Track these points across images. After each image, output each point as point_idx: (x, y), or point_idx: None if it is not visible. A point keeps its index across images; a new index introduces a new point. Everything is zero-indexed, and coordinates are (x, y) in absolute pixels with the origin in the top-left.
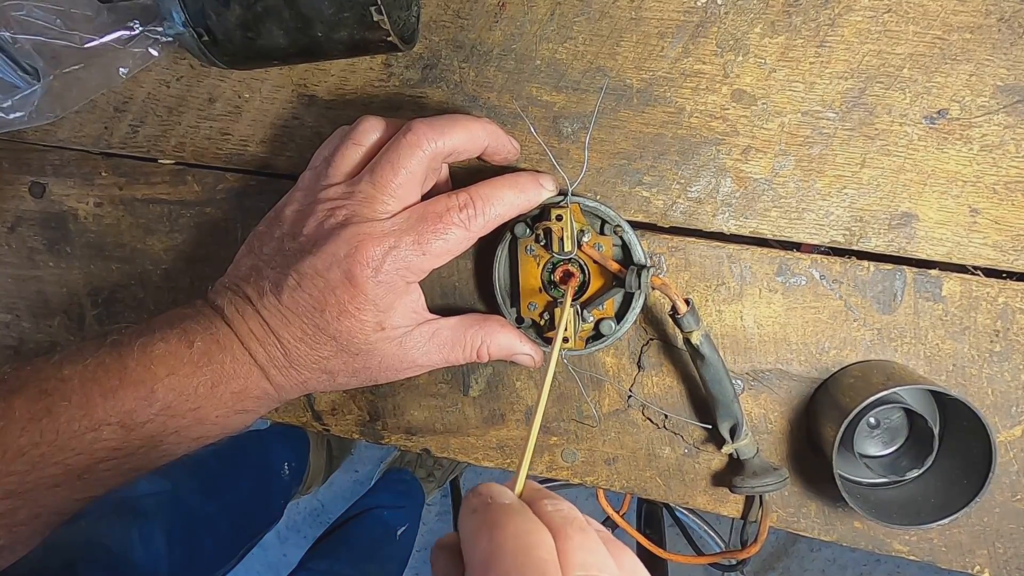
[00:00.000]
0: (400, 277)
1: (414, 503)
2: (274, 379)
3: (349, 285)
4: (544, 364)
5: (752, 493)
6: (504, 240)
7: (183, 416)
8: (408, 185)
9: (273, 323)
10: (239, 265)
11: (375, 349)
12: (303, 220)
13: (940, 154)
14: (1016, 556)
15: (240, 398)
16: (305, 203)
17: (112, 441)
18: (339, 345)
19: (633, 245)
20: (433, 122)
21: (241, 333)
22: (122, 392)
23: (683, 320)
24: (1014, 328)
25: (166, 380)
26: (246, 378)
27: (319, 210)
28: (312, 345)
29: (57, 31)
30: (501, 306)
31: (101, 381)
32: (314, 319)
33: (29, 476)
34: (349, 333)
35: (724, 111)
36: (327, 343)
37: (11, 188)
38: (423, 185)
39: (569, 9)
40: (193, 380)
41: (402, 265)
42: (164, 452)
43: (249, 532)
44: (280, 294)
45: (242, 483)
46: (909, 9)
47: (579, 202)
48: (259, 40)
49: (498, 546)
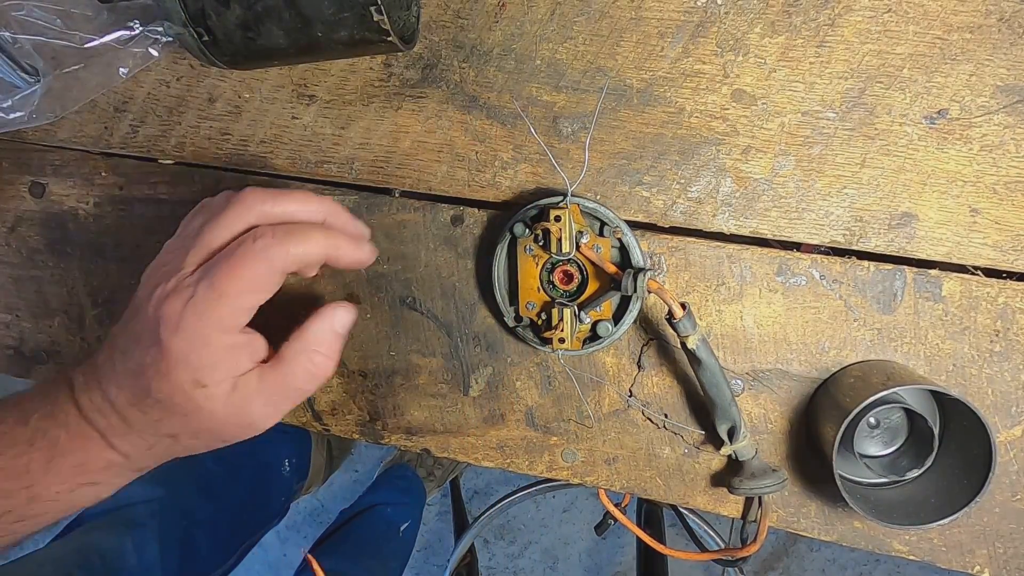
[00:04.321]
0: (207, 327)
1: (416, 500)
2: (119, 447)
3: (155, 346)
4: None
5: (751, 494)
6: (503, 239)
7: (14, 495)
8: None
9: (109, 391)
10: (103, 344)
11: (202, 409)
12: (152, 293)
13: (940, 154)
14: (1016, 556)
15: (82, 471)
16: (160, 277)
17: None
18: (165, 408)
19: (631, 247)
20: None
21: (82, 403)
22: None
23: (679, 324)
24: (1014, 328)
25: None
26: (85, 450)
27: (158, 279)
28: (143, 409)
29: (57, 31)
30: (500, 305)
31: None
32: (139, 382)
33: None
34: (169, 394)
35: (724, 111)
36: (155, 406)
37: (11, 188)
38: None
39: (569, 9)
40: (24, 458)
41: (203, 314)
42: (2, 531)
43: (249, 530)
44: (114, 361)
45: (240, 481)
46: (909, 9)
47: (579, 203)
48: (259, 40)
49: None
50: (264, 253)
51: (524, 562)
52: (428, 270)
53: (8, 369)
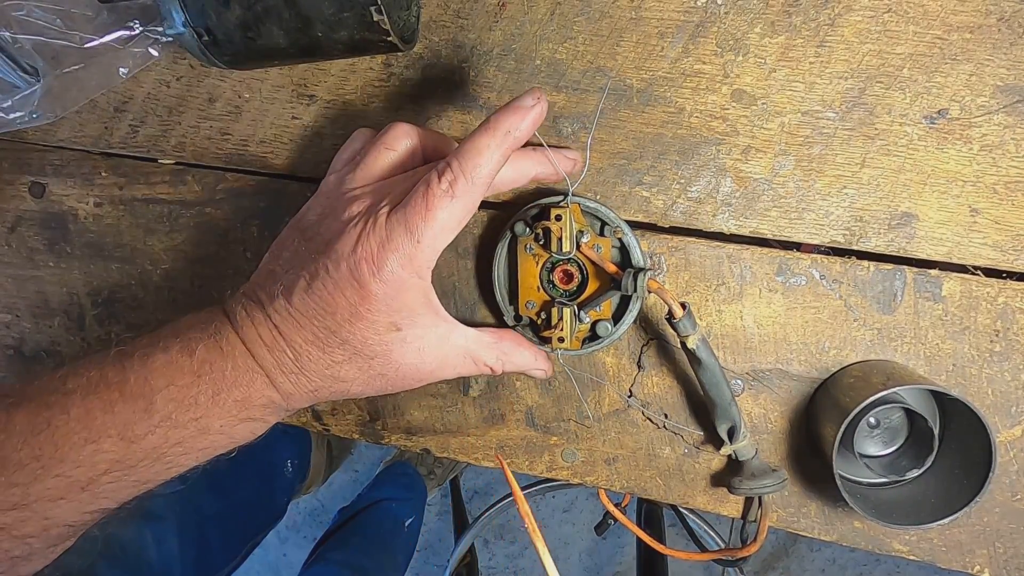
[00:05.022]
0: (405, 272)
1: (418, 496)
2: (281, 387)
3: (357, 285)
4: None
5: (751, 495)
6: (504, 238)
7: (184, 427)
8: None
9: (284, 327)
10: (259, 272)
11: (391, 353)
12: (321, 223)
13: (940, 154)
14: (1016, 556)
15: (244, 406)
16: (326, 206)
17: (112, 453)
18: (353, 349)
19: (632, 247)
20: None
21: (248, 339)
22: (121, 405)
23: (679, 324)
24: (1014, 328)
25: (165, 391)
26: (249, 386)
27: (339, 214)
28: (324, 349)
29: (57, 31)
30: (500, 303)
31: (102, 394)
32: (325, 322)
33: (31, 488)
34: (363, 336)
35: (724, 111)
36: (339, 347)
37: (11, 188)
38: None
39: (569, 9)
40: (193, 390)
41: (403, 259)
42: (169, 464)
43: (254, 529)
44: (291, 296)
45: (247, 480)
46: (909, 9)
47: (579, 202)
48: (259, 40)
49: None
50: (452, 191)
51: (524, 562)
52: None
53: (8, 369)
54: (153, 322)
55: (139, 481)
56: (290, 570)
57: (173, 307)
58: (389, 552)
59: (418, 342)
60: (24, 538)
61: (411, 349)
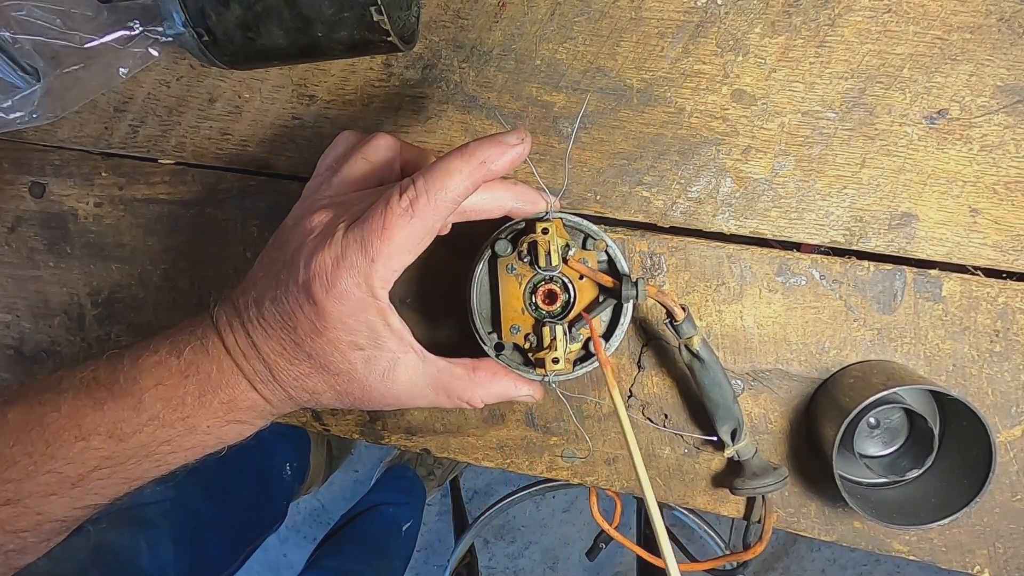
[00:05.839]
0: (359, 291)
1: (417, 499)
2: (262, 392)
3: (312, 302)
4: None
5: (753, 494)
6: (483, 258)
7: (172, 426)
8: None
9: (255, 337)
10: (247, 276)
11: (355, 372)
12: (293, 230)
13: (940, 154)
14: (1016, 556)
15: (230, 408)
16: (299, 213)
17: (102, 451)
18: (318, 364)
19: (618, 259)
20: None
21: (228, 345)
22: (111, 403)
23: (681, 327)
24: (1014, 328)
25: (153, 390)
26: (233, 388)
27: (304, 223)
28: (292, 361)
29: (57, 31)
30: (478, 332)
31: (93, 393)
32: (291, 335)
33: (24, 484)
34: (324, 351)
35: (724, 111)
36: (306, 360)
37: (11, 188)
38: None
39: (569, 9)
40: (180, 390)
41: (356, 277)
42: (158, 461)
43: (253, 533)
44: (261, 307)
45: (244, 485)
46: (909, 9)
47: (561, 218)
48: (259, 40)
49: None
50: (412, 209)
51: (524, 562)
52: (427, 270)
53: (8, 369)
54: (153, 322)
55: (128, 478)
56: (290, 570)
57: (173, 307)
58: (385, 557)
59: (383, 365)
60: (18, 533)
61: (376, 371)
